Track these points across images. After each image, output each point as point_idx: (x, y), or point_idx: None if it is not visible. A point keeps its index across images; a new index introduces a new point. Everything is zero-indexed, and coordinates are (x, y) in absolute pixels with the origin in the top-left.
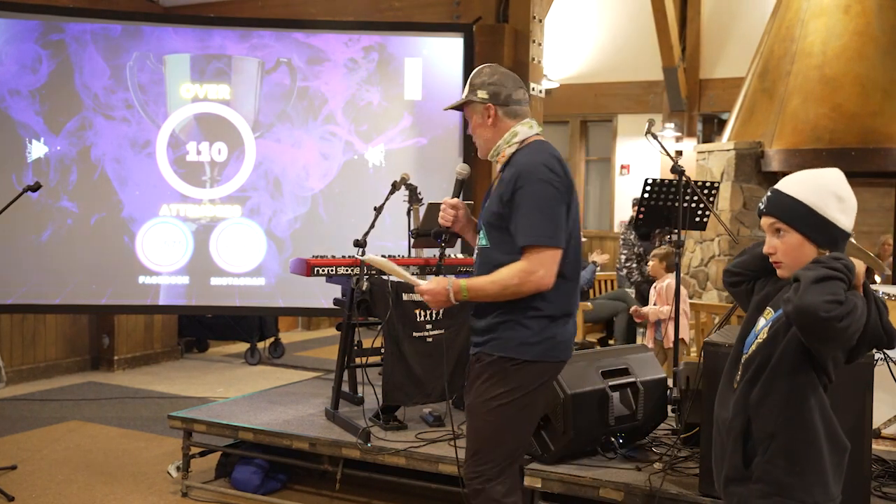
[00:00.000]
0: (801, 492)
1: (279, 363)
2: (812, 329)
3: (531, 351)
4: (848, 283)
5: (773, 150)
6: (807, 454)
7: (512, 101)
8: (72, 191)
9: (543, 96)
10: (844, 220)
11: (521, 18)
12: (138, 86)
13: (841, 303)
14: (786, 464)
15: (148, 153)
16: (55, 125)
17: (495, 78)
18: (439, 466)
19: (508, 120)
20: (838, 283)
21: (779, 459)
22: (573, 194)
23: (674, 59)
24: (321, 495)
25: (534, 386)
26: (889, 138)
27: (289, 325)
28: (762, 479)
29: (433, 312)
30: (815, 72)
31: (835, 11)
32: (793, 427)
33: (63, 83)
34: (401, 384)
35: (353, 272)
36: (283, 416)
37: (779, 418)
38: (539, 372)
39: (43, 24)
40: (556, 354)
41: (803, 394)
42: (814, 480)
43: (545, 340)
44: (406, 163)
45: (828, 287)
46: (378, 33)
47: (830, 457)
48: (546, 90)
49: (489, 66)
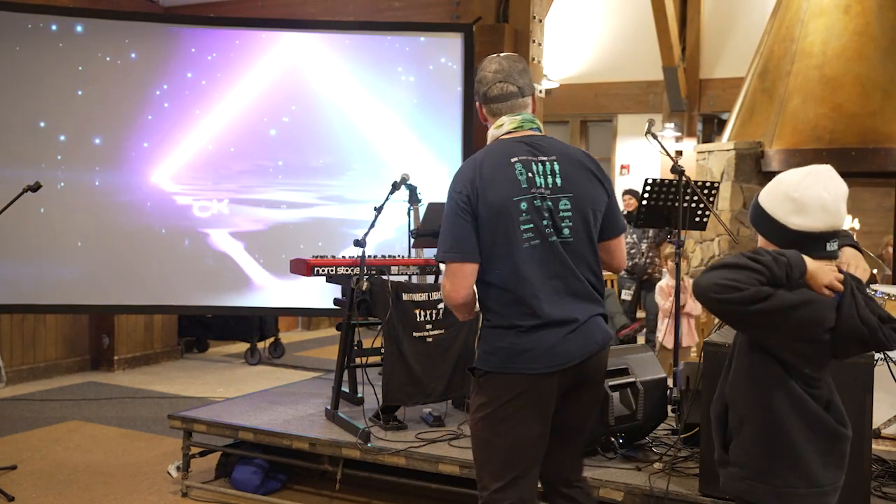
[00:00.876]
0: (771, 475)
1: (279, 363)
2: (709, 308)
3: (490, 361)
4: (770, 276)
5: (773, 150)
6: (776, 439)
7: (489, 98)
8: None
9: (543, 96)
10: (798, 221)
11: (521, 18)
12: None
13: (738, 289)
14: (755, 448)
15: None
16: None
17: (479, 74)
18: (439, 466)
19: (492, 118)
20: (747, 272)
21: (749, 443)
22: (493, 202)
23: (674, 59)
24: (321, 495)
25: (507, 398)
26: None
27: (289, 325)
28: (737, 463)
29: (433, 312)
30: (815, 72)
31: (835, 11)
32: (759, 412)
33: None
34: (401, 384)
35: (353, 272)
36: (283, 416)
37: (747, 404)
38: (508, 383)
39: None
40: (520, 366)
41: (766, 381)
42: (785, 465)
43: (499, 350)
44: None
45: (730, 273)
46: (377, 33)
47: (812, 444)
48: (546, 90)
49: (487, 58)
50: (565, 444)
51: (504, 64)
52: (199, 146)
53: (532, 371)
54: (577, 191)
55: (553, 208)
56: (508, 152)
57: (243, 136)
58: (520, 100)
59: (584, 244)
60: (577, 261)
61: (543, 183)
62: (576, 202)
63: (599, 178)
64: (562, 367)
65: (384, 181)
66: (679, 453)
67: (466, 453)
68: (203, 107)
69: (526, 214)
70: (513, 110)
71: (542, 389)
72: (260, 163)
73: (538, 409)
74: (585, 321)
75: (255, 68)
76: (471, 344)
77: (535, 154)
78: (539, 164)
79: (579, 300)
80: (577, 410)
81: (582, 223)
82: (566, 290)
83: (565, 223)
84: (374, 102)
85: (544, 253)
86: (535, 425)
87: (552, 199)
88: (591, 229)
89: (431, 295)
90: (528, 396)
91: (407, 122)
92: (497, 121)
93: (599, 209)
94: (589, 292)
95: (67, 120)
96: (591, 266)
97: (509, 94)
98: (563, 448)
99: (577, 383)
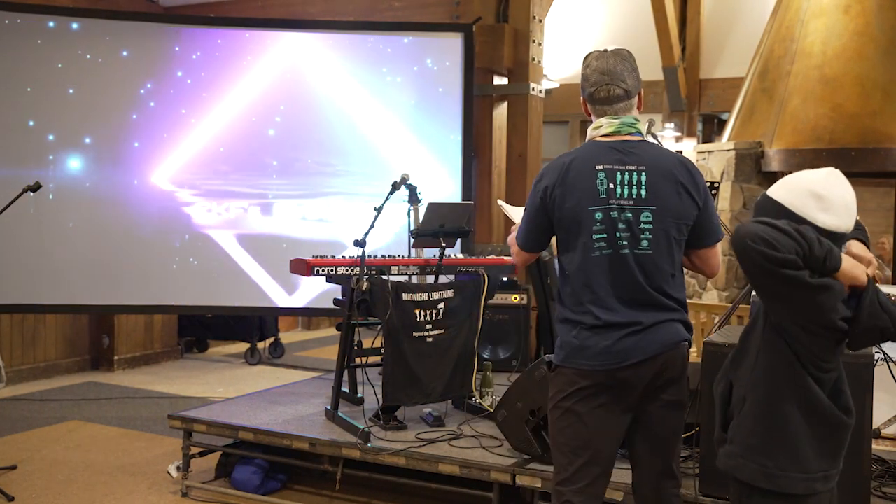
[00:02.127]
0: (763, 455)
1: (279, 363)
2: (740, 256)
3: (558, 355)
4: (808, 254)
5: (773, 150)
6: (773, 419)
7: (595, 99)
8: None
9: (543, 96)
10: (826, 219)
11: (521, 18)
12: None
13: (776, 248)
14: (752, 425)
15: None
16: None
17: (585, 71)
18: (439, 466)
19: (594, 115)
20: (789, 239)
21: (747, 421)
22: (569, 209)
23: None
24: (321, 495)
25: (569, 391)
26: (889, 138)
27: (289, 325)
28: (733, 440)
29: (433, 312)
30: (815, 72)
31: (834, 11)
32: (762, 390)
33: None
34: (401, 384)
35: (353, 272)
36: (283, 416)
37: (751, 381)
38: (570, 378)
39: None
40: (580, 362)
41: (775, 360)
42: (779, 447)
43: (565, 345)
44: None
45: (774, 232)
46: (378, 33)
47: (811, 428)
48: (546, 90)
49: (594, 53)
50: (649, 447)
51: (611, 63)
52: (197, 145)
53: (589, 367)
54: (661, 203)
55: (633, 220)
56: (596, 159)
57: (240, 136)
58: (625, 102)
59: (663, 257)
60: (653, 273)
61: (626, 193)
62: (658, 214)
63: (689, 191)
64: (617, 365)
65: (383, 181)
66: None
67: (466, 453)
68: (197, 107)
69: (600, 224)
70: (616, 113)
71: (604, 387)
72: (257, 162)
73: (599, 407)
74: (651, 325)
75: (251, 68)
76: (471, 344)
77: (624, 163)
78: (625, 174)
79: (646, 309)
80: (656, 413)
81: (664, 235)
82: (631, 301)
83: (645, 235)
84: (372, 102)
85: (613, 263)
86: (597, 422)
87: (633, 210)
88: (672, 242)
89: (431, 295)
90: (586, 392)
91: (406, 123)
92: (597, 121)
93: (686, 222)
94: (659, 302)
95: (58, 119)
96: (666, 277)
97: (616, 97)
98: (648, 451)
99: (654, 386)
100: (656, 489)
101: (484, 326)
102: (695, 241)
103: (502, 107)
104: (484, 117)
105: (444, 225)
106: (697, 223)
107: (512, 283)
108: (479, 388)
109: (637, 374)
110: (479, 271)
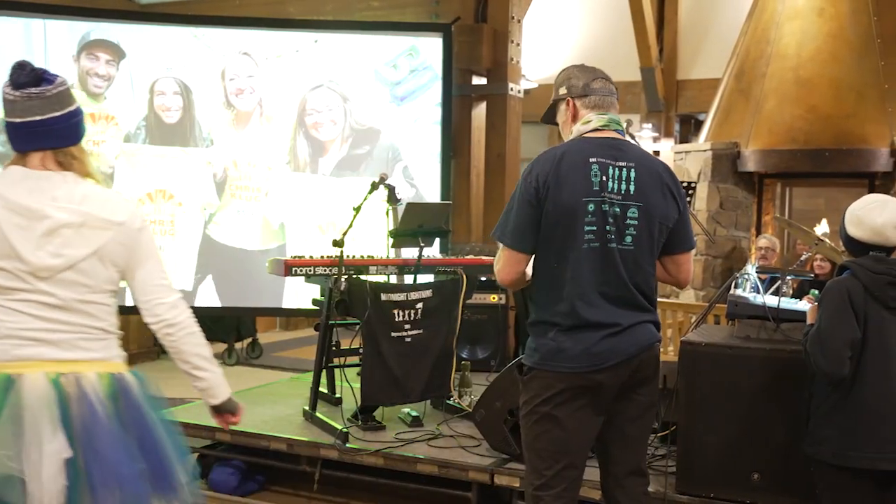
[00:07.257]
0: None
1: (257, 363)
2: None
3: (532, 357)
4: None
5: (749, 150)
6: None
7: (591, 89)
8: None
9: (522, 96)
10: (854, 231)
11: (500, 19)
12: None
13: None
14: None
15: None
16: None
17: (571, 73)
18: (417, 466)
19: (583, 110)
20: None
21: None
22: (563, 201)
23: (651, 60)
24: (299, 496)
25: (546, 395)
26: (862, 139)
27: (267, 326)
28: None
29: (411, 312)
30: (791, 73)
31: (809, 14)
32: None
33: None
34: (379, 385)
35: (332, 272)
36: (261, 417)
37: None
38: (547, 381)
39: None
40: (557, 364)
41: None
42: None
43: (541, 347)
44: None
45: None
46: (356, 32)
47: None
48: (525, 90)
49: (572, 66)
50: (622, 446)
51: (595, 68)
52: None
53: (568, 370)
54: (648, 201)
55: (620, 214)
56: (589, 152)
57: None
58: (613, 98)
59: (644, 254)
60: (633, 269)
61: (616, 188)
62: (644, 212)
63: (673, 193)
64: (597, 367)
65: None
66: (656, 452)
67: (444, 453)
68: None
69: (591, 216)
70: (605, 108)
71: (582, 390)
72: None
73: (578, 410)
74: (629, 326)
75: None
76: (449, 344)
77: (615, 158)
78: (616, 169)
79: (625, 308)
80: (629, 412)
81: (647, 234)
82: (613, 298)
83: (630, 231)
84: (352, 102)
85: (600, 257)
86: (576, 425)
87: (621, 205)
88: (654, 241)
89: (410, 295)
90: (565, 396)
91: (386, 122)
92: (585, 116)
93: (667, 223)
94: (637, 301)
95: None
96: (646, 276)
97: (609, 91)
98: (620, 451)
99: (627, 386)
100: (627, 487)
101: (462, 326)
102: (671, 247)
103: (481, 107)
104: (463, 117)
105: (422, 225)
106: (676, 227)
107: (490, 282)
108: (457, 388)
109: (615, 375)
110: (458, 271)
